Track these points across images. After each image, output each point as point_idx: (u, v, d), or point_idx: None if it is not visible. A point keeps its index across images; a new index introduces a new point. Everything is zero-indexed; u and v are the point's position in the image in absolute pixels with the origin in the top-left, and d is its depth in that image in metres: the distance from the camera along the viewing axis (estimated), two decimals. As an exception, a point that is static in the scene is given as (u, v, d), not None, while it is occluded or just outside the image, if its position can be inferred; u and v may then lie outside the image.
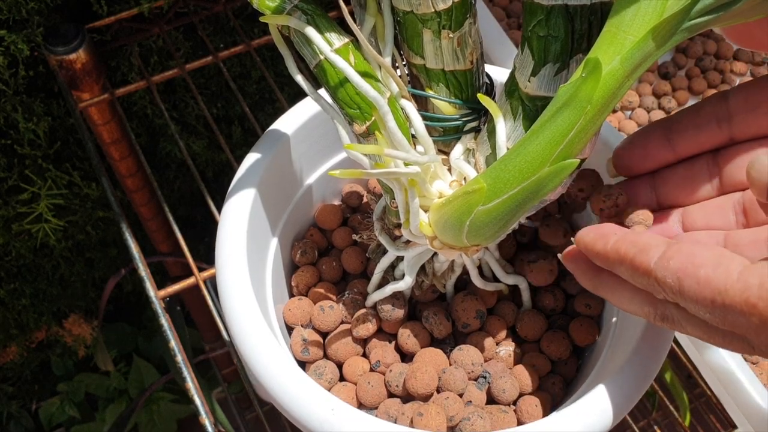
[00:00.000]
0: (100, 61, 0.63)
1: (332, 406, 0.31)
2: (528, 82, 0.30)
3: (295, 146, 0.41)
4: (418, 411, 0.34)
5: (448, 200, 0.32)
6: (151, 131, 0.78)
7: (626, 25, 0.26)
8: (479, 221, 0.30)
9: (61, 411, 0.97)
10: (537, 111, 0.31)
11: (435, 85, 0.32)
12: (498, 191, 0.29)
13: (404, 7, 0.30)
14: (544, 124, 0.28)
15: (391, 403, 0.36)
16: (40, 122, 0.67)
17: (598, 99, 0.26)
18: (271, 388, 0.32)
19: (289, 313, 0.40)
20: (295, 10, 0.30)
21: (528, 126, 0.31)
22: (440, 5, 0.30)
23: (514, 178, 0.28)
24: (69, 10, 0.63)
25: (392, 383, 0.37)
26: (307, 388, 0.32)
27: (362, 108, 0.31)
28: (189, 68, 0.65)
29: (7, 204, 0.72)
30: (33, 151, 0.70)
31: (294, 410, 0.32)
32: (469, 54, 0.31)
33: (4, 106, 0.64)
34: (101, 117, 0.66)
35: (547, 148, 0.27)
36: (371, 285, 0.39)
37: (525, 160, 0.28)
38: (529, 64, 0.30)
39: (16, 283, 0.83)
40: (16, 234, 0.75)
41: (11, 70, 0.62)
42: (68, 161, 0.74)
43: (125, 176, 0.73)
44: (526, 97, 0.31)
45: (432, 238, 0.33)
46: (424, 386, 0.35)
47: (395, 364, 0.37)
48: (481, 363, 0.37)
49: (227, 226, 0.37)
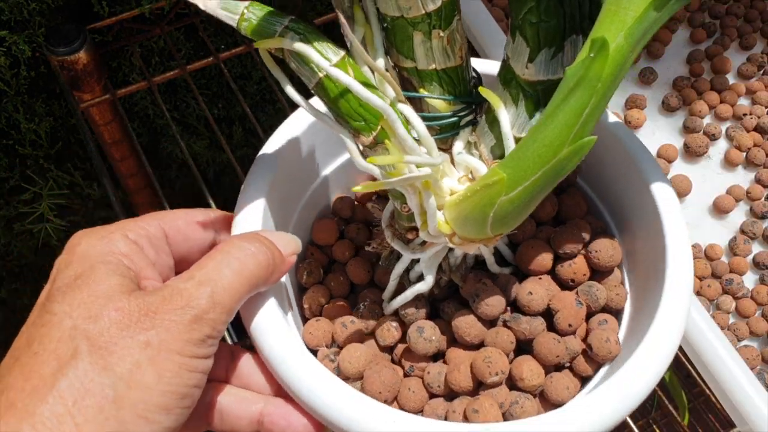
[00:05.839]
0: (102, 62, 0.63)
1: (393, 419, 0.31)
2: (526, 69, 0.31)
3: (291, 164, 0.41)
4: (472, 408, 0.34)
5: (465, 196, 0.32)
6: (152, 131, 0.79)
7: (626, 1, 0.27)
8: (503, 211, 0.30)
9: (62, 410, 0.96)
10: (538, 95, 0.31)
11: (428, 85, 0.33)
12: (519, 179, 0.29)
13: (393, 13, 0.30)
14: (558, 107, 0.28)
15: (437, 403, 0.36)
16: (41, 122, 0.68)
17: (607, 76, 0.27)
18: (325, 410, 0.31)
19: (310, 336, 0.38)
20: (287, 31, 0.30)
21: (531, 111, 0.32)
22: (430, 6, 0.30)
23: (534, 164, 0.29)
24: (70, 11, 0.63)
25: (433, 384, 0.36)
26: (365, 406, 0.31)
27: (367, 119, 0.31)
28: (190, 69, 0.65)
29: (9, 204, 0.72)
30: (34, 151, 0.70)
31: (355, 429, 0.31)
32: (458, 50, 0.32)
33: (6, 106, 0.64)
34: (102, 117, 0.66)
35: (564, 129, 0.28)
36: (387, 292, 0.39)
37: (543, 144, 0.28)
38: (524, 51, 0.31)
39: (18, 283, 0.83)
40: (18, 234, 0.76)
41: (13, 70, 0.62)
42: (70, 161, 0.74)
43: (126, 176, 0.73)
44: (525, 83, 0.31)
45: (451, 235, 0.33)
46: (467, 379, 0.35)
47: (430, 365, 0.37)
48: (512, 349, 0.37)
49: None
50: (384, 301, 0.39)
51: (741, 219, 0.63)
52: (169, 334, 0.28)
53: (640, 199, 0.39)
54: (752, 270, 0.61)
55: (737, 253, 0.61)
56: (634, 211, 0.40)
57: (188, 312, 0.29)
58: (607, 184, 0.42)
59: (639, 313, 0.38)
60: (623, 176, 0.40)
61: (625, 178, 0.40)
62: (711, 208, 0.63)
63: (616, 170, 0.40)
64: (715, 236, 0.62)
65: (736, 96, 0.67)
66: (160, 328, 0.28)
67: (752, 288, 0.60)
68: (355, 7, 0.31)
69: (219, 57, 0.66)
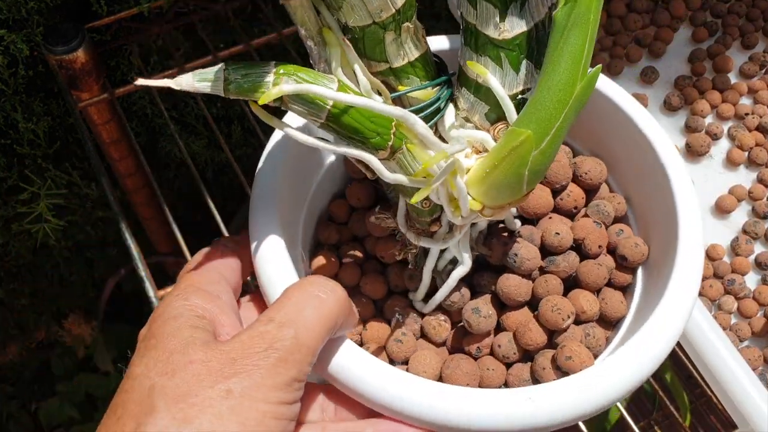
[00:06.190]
0: (100, 61, 0.63)
1: (528, 395, 0.31)
2: (500, 29, 0.32)
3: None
4: (564, 356, 0.35)
5: (492, 166, 0.32)
6: (150, 131, 0.78)
7: None
8: (537, 165, 0.31)
9: (60, 411, 0.96)
10: (520, 49, 0.32)
11: (405, 80, 0.33)
12: (545, 129, 0.30)
13: (364, 22, 0.31)
14: (560, 51, 0.29)
15: (519, 369, 0.36)
16: (39, 122, 0.67)
17: (595, 7, 0.29)
18: (440, 416, 0.31)
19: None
20: (279, 77, 0.29)
21: (516, 66, 0.33)
22: (398, 2, 0.30)
23: (555, 110, 0.30)
24: (68, 10, 0.63)
25: (509, 353, 0.37)
26: (482, 398, 0.31)
27: (381, 133, 0.31)
28: (188, 68, 0.65)
29: (7, 204, 0.72)
30: (32, 150, 0.70)
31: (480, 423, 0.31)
32: (421, 36, 0.32)
33: (4, 105, 0.64)
34: (101, 117, 0.66)
35: (573, 68, 0.29)
36: (422, 289, 0.38)
37: (558, 89, 0.29)
38: (493, 13, 0.31)
39: (16, 283, 0.83)
40: (16, 234, 0.75)
41: (11, 69, 0.62)
42: (68, 161, 0.74)
43: (125, 176, 0.73)
44: (503, 42, 0.32)
45: (481, 209, 0.33)
46: (541, 334, 0.36)
47: (497, 339, 0.37)
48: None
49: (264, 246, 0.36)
50: (415, 302, 0.39)
51: (743, 219, 0.62)
52: (251, 380, 0.27)
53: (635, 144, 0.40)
54: (754, 270, 0.61)
55: (739, 254, 0.60)
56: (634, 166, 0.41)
57: (272, 355, 0.28)
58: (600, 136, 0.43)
59: (654, 270, 0.39)
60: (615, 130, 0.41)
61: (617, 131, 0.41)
62: (713, 208, 0.63)
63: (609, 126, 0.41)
64: (717, 236, 0.62)
65: (738, 95, 0.67)
66: (241, 375, 0.27)
67: (754, 288, 0.60)
68: (323, 31, 0.31)
69: (217, 56, 0.65)
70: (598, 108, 0.41)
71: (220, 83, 0.29)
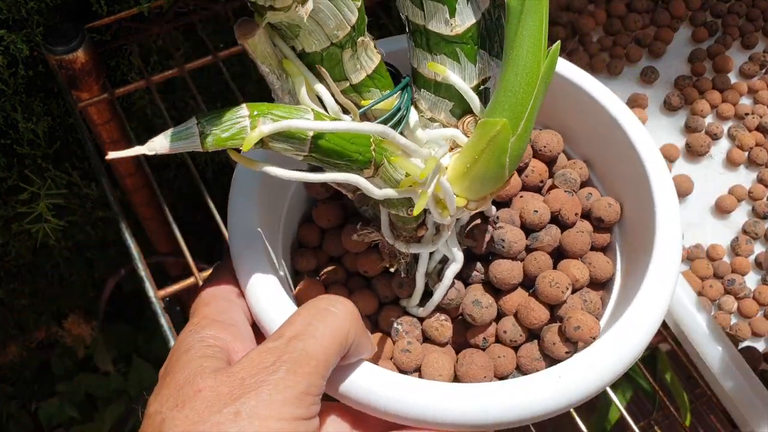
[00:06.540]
0: (100, 61, 0.63)
1: (557, 374, 0.32)
2: (452, 24, 0.32)
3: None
4: (572, 327, 0.35)
5: (471, 160, 0.32)
6: (150, 131, 0.78)
7: None
8: (516, 150, 0.32)
9: (60, 411, 0.96)
10: (473, 41, 0.32)
11: (367, 93, 0.33)
12: (519, 115, 0.31)
13: (323, 45, 0.30)
14: (520, 36, 0.30)
15: (528, 349, 0.37)
16: (39, 122, 0.67)
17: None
18: (468, 416, 0.31)
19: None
20: (255, 118, 0.28)
21: (474, 58, 0.33)
22: (352, 19, 0.30)
23: (525, 94, 0.30)
24: (68, 10, 0.63)
25: (516, 337, 0.37)
26: (528, 385, 0.32)
27: (362, 152, 0.30)
28: (189, 68, 0.65)
29: (7, 204, 0.72)
30: (32, 150, 0.70)
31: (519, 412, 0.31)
32: (374, 46, 0.32)
33: (4, 105, 0.64)
34: (101, 117, 0.66)
35: (535, 49, 0.30)
36: (416, 294, 0.38)
37: (524, 73, 0.30)
38: (442, 10, 0.31)
39: (16, 283, 0.83)
40: (16, 234, 0.75)
41: (11, 69, 0.62)
42: (68, 161, 0.74)
43: (125, 176, 0.73)
44: (457, 37, 0.32)
45: (465, 204, 0.34)
46: (543, 311, 0.37)
47: (500, 325, 0.38)
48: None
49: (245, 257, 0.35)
50: (410, 308, 0.39)
51: (743, 219, 0.62)
52: (259, 398, 0.26)
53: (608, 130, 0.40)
54: (754, 270, 0.61)
55: (739, 254, 0.60)
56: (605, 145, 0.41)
57: (280, 368, 0.27)
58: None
59: (634, 252, 0.39)
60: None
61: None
62: (713, 208, 0.63)
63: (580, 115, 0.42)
64: (717, 236, 0.62)
65: (738, 95, 0.67)
66: (250, 394, 0.27)
67: (754, 288, 0.60)
68: (283, 62, 0.31)
69: (217, 56, 0.65)
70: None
71: (196, 138, 0.27)
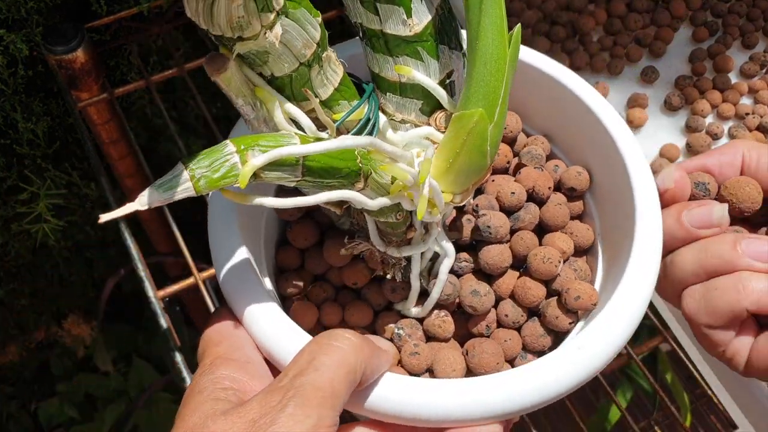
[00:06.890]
0: (100, 61, 0.63)
1: (577, 346, 0.32)
2: (410, 24, 0.32)
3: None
4: (573, 297, 0.36)
5: (454, 154, 0.32)
6: (150, 131, 0.78)
7: None
8: (495, 138, 0.32)
9: (60, 411, 0.96)
10: (432, 37, 0.33)
11: (337, 107, 0.33)
12: (493, 102, 0.31)
13: (292, 67, 0.30)
14: (483, 25, 0.30)
15: (532, 328, 0.38)
16: (39, 122, 0.67)
17: None
18: (493, 406, 0.31)
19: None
20: (244, 152, 0.28)
21: (436, 54, 0.33)
22: (317, 35, 0.30)
23: (495, 81, 0.30)
24: (68, 10, 0.63)
25: (518, 319, 0.38)
26: (552, 362, 0.32)
27: (350, 165, 0.30)
28: (188, 68, 0.65)
29: (6, 204, 0.72)
30: (32, 150, 0.70)
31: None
32: (336, 59, 0.32)
33: (3, 105, 0.64)
34: (100, 117, 0.66)
35: (499, 38, 0.30)
36: (413, 296, 0.38)
37: (493, 61, 0.30)
38: (397, 11, 0.31)
39: (16, 283, 0.83)
40: (16, 234, 0.75)
41: (10, 69, 0.62)
42: (67, 161, 0.74)
43: (124, 176, 0.73)
44: (416, 37, 0.32)
45: (452, 199, 0.34)
46: (540, 288, 0.38)
47: (501, 310, 0.38)
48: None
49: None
50: (406, 310, 0.39)
51: (743, 219, 0.62)
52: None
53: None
54: (755, 270, 0.60)
55: (739, 254, 0.60)
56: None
57: (288, 404, 0.27)
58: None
59: (614, 237, 0.40)
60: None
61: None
62: (713, 207, 0.63)
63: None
64: (717, 236, 0.62)
65: (738, 95, 0.67)
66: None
67: (755, 288, 0.60)
68: (256, 90, 0.31)
69: (218, 56, 0.65)
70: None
71: (188, 183, 0.27)
